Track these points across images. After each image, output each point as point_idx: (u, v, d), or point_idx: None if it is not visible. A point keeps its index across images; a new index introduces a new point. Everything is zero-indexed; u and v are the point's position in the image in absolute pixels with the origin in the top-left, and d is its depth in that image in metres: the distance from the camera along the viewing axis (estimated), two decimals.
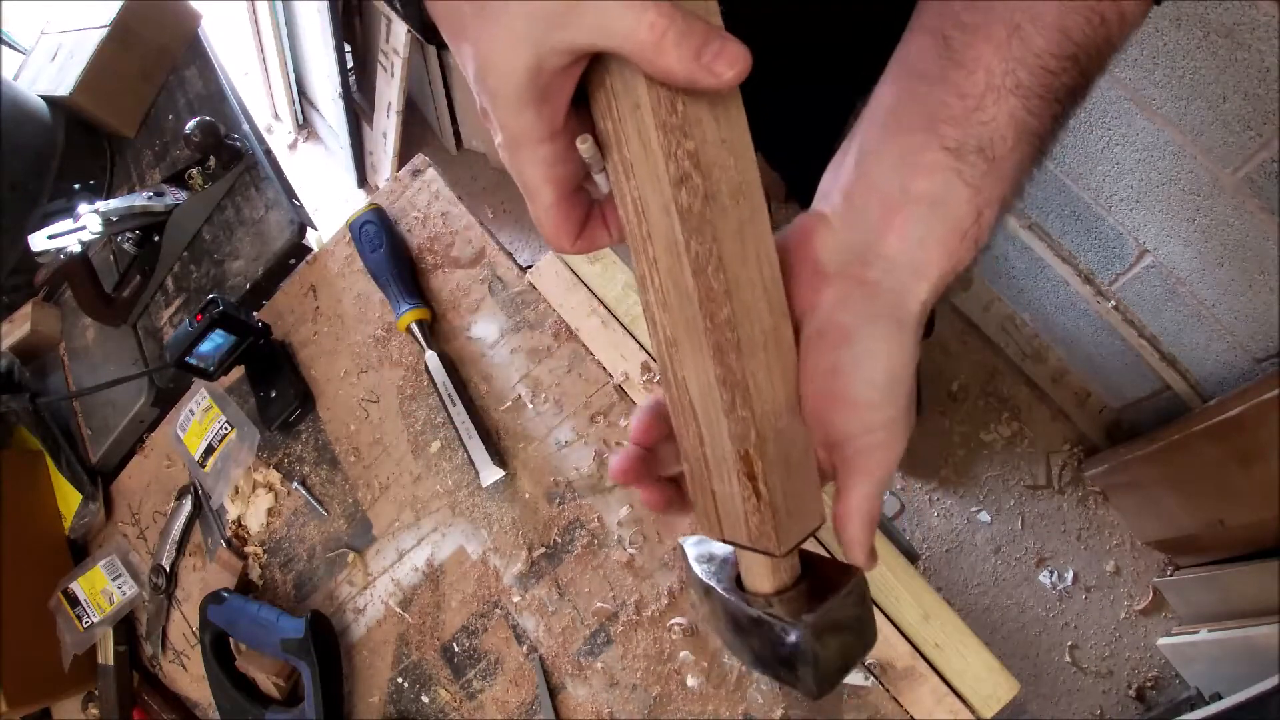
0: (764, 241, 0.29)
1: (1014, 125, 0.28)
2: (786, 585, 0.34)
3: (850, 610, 0.33)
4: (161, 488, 0.90)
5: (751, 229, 0.29)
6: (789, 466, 0.31)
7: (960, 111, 0.28)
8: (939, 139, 0.28)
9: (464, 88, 1.90)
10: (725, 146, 0.28)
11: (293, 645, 0.71)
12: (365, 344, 0.82)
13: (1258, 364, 1.07)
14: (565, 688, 0.65)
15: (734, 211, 0.28)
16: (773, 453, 0.30)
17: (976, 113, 0.28)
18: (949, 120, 0.28)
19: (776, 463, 0.30)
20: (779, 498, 0.30)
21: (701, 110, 0.27)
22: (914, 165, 0.29)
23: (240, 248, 0.99)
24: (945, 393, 1.58)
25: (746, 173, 0.28)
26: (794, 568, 0.34)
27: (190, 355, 0.78)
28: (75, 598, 0.87)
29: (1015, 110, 0.28)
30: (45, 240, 0.90)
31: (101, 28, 1.12)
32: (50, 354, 1.08)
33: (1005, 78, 0.28)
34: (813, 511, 0.33)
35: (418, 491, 0.75)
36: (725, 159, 0.28)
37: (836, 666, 0.33)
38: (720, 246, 0.28)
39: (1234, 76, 0.83)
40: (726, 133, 0.27)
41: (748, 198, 0.28)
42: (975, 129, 0.28)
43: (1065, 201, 1.18)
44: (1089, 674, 1.36)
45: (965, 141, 0.28)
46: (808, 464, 0.32)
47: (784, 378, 0.31)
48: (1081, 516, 1.46)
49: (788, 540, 0.31)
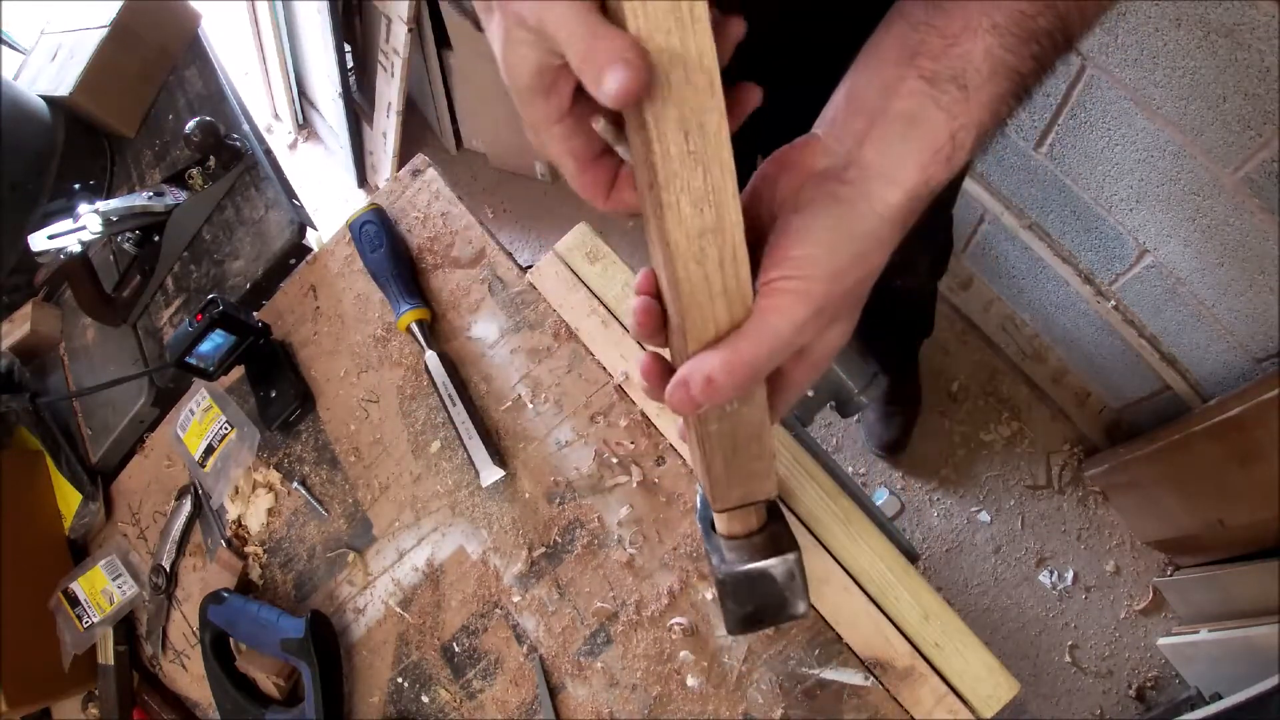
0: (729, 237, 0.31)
1: (989, 60, 0.32)
2: (738, 534, 0.40)
3: (767, 572, 0.38)
4: (161, 488, 0.90)
5: (716, 240, 0.31)
6: (735, 444, 0.35)
7: (938, 48, 0.32)
8: (917, 70, 0.32)
9: (464, 88, 1.90)
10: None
11: (293, 645, 0.71)
12: (365, 344, 0.82)
13: (1258, 364, 1.07)
14: (565, 688, 0.65)
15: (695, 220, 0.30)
16: (715, 429, 0.34)
17: (952, 48, 0.32)
18: (927, 55, 0.32)
19: (721, 437, 0.35)
20: (718, 467, 0.35)
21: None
22: (894, 91, 0.32)
23: (240, 248, 0.99)
24: (945, 393, 1.58)
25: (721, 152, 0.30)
26: (748, 522, 0.39)
27: (190, 355, 0.78)
28: (75, 598, 0.87)
29: (991, 47, 0.32)
30: (45, 240, 0.90)
31: (101, 28, 1.12)
32: (50, 354, 1.08)
33: (982, 19, 0.32)
34: (758, 488, 0.37)
35: (418, 491, 0.75)
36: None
37: (744, 615, 0.39)
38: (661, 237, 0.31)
39: (1234, 76, 0.83)
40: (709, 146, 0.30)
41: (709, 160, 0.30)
42: (950, 61, 0.32)
43: (1065, 201, 1.18)
44: (1089, 674, 1.36)
45: (940, 71, 0.32)
46: (758, 446, 0.35)
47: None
48: (1081, 516, 1.46)
49: (723, 501, 0.37)
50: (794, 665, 0.60)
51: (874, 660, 0.58)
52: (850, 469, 1.58)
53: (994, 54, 0.32)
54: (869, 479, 1.57)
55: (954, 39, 0.32)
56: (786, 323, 0.31)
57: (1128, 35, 0.90)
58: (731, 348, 0.31)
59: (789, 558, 0.38)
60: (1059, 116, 1.07)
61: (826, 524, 0.62)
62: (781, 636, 0.61)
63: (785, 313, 0.31)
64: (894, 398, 1.51)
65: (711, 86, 0.28)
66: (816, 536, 0.62)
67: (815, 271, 0.31)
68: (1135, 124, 0.98)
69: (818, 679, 0.59)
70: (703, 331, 0.32)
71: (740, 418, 0.34)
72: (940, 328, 1.58)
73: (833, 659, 0.59)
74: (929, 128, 0.32)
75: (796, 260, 0.31)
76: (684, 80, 0.28)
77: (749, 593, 0.39)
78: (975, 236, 1.41)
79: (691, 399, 0.32)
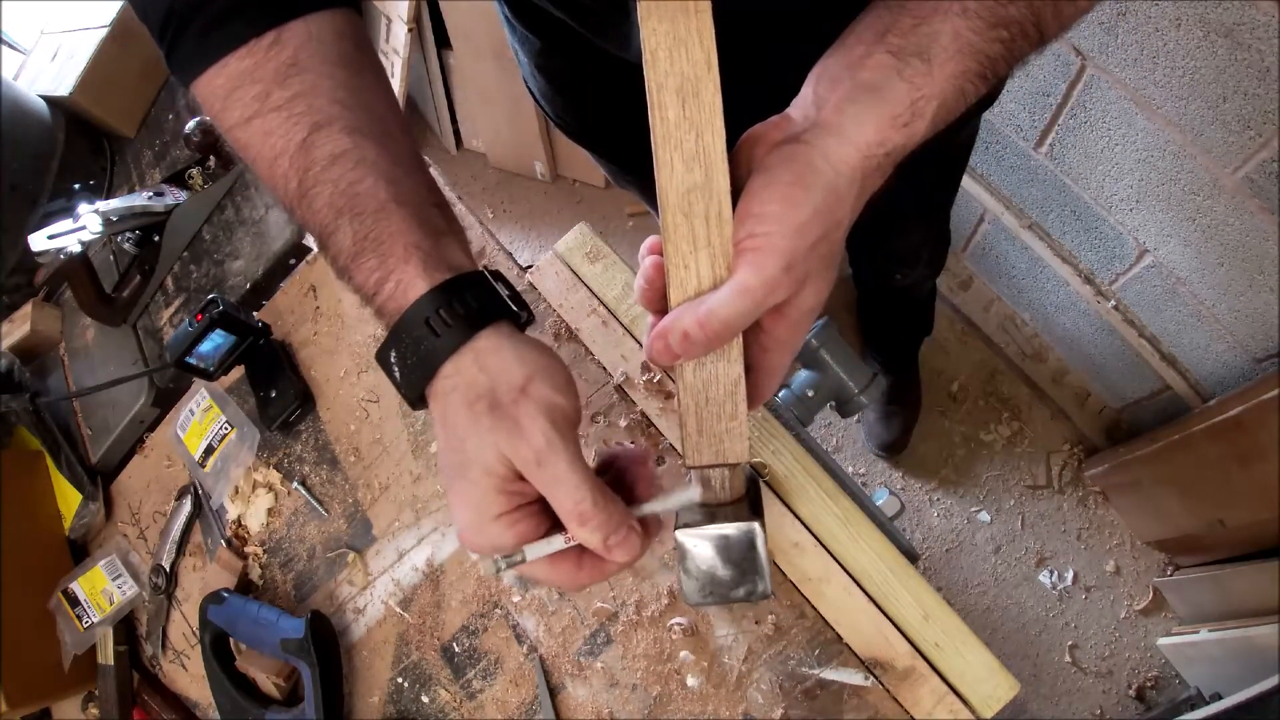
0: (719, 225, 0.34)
1: (957, 40, 0.34)
2: (710, 502, 0.40)
3: (723, 539, 0.39)
4: (161, 488, 0.90)
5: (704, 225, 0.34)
6: (708, 398, 0.36)
7: (908, 26, 0.34)
8: (885, 45, 0.34)
9: (464, 88, 1.90)
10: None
11: (293, 645, 0.71)
12: (365, 344, 0.82)
13: (1258, 364, 1.07)
14: (565, 688, 0.65)
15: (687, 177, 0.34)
16: (690, 380, 0.36)
17: (921, 26, 0.34)
18: (896, 32, 0.34)
19: (696, 390, 0.36)
20: (691, 422, 0.37)
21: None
22: (861, 64, 0.34)
23: (240, 248, 0.99)
24: (945, 393, 1.58)
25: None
26: (722, 490, 0.40)
27: (190, 355, 0.78)
28: (75, 598, 0.87)
29: (960, 29, 0.33)
30: (45, 240, 0.90)
31: (101, 28, 1.12)
32: (50, 354, 1.08)
33: (954, 3, 0.34)
34: (729, 449, 0.37)
35: (418, 491, 0.75)
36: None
37: (698, 583, 0.40)
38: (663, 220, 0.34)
39: (1234, 76, 0.83)
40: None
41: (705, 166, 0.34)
42: (917, 38, 0.34)
43: (1065, 201, 1.18)
44: (1089, 674, 1.36)
45: (906, 46, 0.34)
46: (731, 405, 0.37)
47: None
48: (1081, 516, 1.46)
49: (695, 457, 0.38)
50: (794, 665, 0.60)
51: (874, 660, 0.58)
52: (850, 469, 1.58)
53: (962, 35, 0.34)
54: (869, 479, 1.57)
55: (924, 18, 0.34)
56: (756, 278, 0.33)
57: (1128, 35, 0.90)
58: (706, 303, 0.33)
59: (746, 527, 0.39)
60: (1059, 116, 1.07)
61: (826, 524, 0.62)
62: (781, 636, 0.61)
63: (755, 268, 0.33)
64: (894, 398, 1.52)
65: (708, 62, 0.32)
66: (816, 536, 0.62)
67: (777, 227, 0.33)
68: (1135, 124, 0.98)
69: (818, 679, 0.59)
70: (685, 283, 0.34)
71: (716, 373, 0.36)
72: (940, 328, 1.58)
73: (833, 659, 0.59)
74: (890, 94, 0.33)
75: (759, 217, 0.33)
76: (684, 57, 0.32)
77: (700, 559, 0.39)
78: (975, 236, 1.41)
79: (669, 349, 0.34)
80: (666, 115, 0.33)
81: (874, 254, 1.15)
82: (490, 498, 0.37)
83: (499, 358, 0.38)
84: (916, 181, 0.89)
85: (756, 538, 0.39)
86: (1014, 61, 0.35)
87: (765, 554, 0.39)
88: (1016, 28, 0.34)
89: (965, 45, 0.34)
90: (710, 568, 0.39)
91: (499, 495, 0.37)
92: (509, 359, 0.38)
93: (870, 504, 0.69)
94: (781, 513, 0.63)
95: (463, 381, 0.38)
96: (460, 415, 0.37)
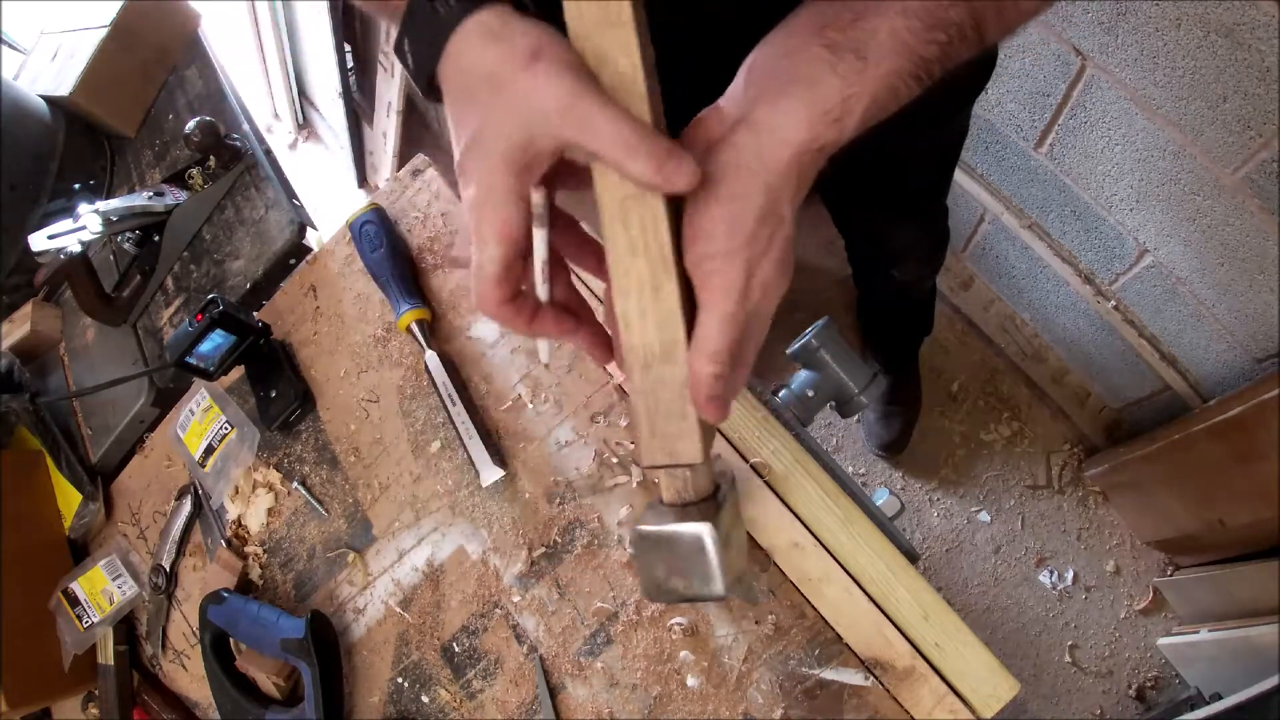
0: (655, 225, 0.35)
1: (893, 39, 0.33)
2: (673, 501, 0.41)
3: (673, 538, 0.39)
4: (161, 488, 0.90)
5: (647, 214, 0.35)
6: (657, 401, 0.37)
7: (845, 22, 0.34)
8: (821, 39, 0.34)
9: None
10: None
11: (293, 645, 0.71)
12: (365, 344, 0.82)
13: (1258, 364, 1.07)
14: (565, 688, 0.65)
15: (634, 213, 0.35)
16: (639, 382, 0.37)
17: (859, 22, 0.34)
18: (834, 27, 0.34)
19: (643, 392, 0.37)
20: (641, 422, 0.37)
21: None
22: (795, 57, 0.34)
23: (240, 248, 0.99)
24: (945, 393, 1.58)
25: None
26: (684, 490, 0.40)
27: (190, 355, 0.78)
28: (75, 598, 0.87)
29: (898, 29, 0.33)
30: (45, 240, 0.90)
31: (101, 28, 1.12)
32: (50, 354, 1.08)
33: (894, 2, 0.34)
34: (682, 450, 0.38)
35: (418, 491, 0.75)
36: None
37: (653, 580, 0.40)
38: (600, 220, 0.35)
39: (1234, 76, 0.83)
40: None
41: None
42: (854, 34, 0.34)
43: (1065, 201, 1.18)
44: (1089, 674, 1.36)
45: (842, 43, 0.34)
46: (680, 405, 0.37)
47: (658, 326, 0.36)
48: (1081, 516, 1.46)
49: (648, 457, 0.38)
50: (794, 665, 0.60)
51: (874, 660, 0.58)
52: (850, 469, 1.58)
53: (899, 35, 0.34)
54: (869, 479, 1.57)
55: (863, 15, 0.34)
56: (732, 301, 0.34)
57: (1128, 35, 0.90)
58: (698, 343, 0.35)
59: (697, 528, 0.39)
60: (1059, 116, 1.07)
61: (826, 524, 0.62)
62: (781, 636, 0.61)
63: (724, 292, 0.34)
64: (894, 398, 1.51)
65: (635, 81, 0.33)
66: (816, 536, 0.62)
67: (727, 245, 0.34)
68: (1135, 124, 0.98)
69: (818, 679, 0.59)
70: (625, 282, 0.35)
71: (663, 376, 0.37)
72: (940, 328, 1.58)
73: (833, 659, 0.59)
74: (822, 90, 0.33)
75: (709, 236, 0.34)
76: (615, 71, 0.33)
77: (654, 556, 0.40)
78: (975, 236, 1.41)
79: (716, 400, 0.35)
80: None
81: (869, 251, 1.15)
82: (501, 171, 0.34)
83: (508, 28, 0.35)
84: (908, 177, 0.89)
85: (705, 539, 0.39)
86: (950, 63, 0.35)
87: (717, 555, 0.39)
88: (955, 30, 0.34)
89: (901, 45, 0.34)
90: (662, 567, 0.40)
91: (511, 170, 0.34)
92: (517, 28, 0.35)
93: (870, 504, 0.69)
94: (781, 513, 0.63)
95: (472, 55, 0.35)
96: (472, 88, 0.35)
